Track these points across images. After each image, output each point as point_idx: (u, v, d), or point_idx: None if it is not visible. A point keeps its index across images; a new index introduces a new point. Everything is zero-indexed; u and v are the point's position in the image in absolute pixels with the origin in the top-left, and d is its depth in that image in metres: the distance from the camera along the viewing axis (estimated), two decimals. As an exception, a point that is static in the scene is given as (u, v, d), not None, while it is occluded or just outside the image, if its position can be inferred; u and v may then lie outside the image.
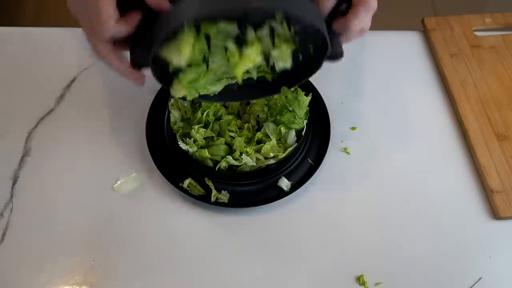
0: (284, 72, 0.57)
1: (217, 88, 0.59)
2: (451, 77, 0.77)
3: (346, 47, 0.54)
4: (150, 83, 0.75)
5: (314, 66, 0.56)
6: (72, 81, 0.76)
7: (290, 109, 0.66)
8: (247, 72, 0.58)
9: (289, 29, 0.51)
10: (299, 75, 0.58)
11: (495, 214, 0.66)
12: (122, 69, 0.54)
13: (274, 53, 0.54)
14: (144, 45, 0.51)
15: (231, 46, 0.52)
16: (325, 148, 0.69)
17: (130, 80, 0.56)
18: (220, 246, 0.64)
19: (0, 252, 0.62)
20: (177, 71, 0.54)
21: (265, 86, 0.60)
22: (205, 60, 0.54)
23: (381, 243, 0.65)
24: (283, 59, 0.54)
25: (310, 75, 0.58)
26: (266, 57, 0.55)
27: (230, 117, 0.68)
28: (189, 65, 0.54)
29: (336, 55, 0.54)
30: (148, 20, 0.51)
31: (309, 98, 0.67)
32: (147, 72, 0.54)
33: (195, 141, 0.65)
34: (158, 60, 0.51)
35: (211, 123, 0.67)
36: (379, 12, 0.58)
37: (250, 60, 0.53)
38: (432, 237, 0.65)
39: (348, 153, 0.71)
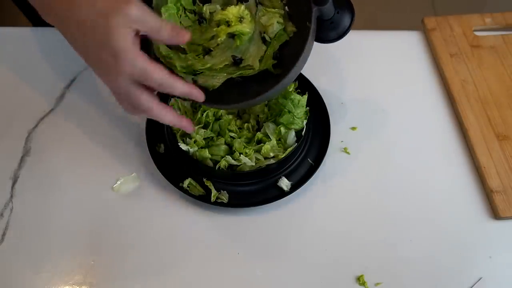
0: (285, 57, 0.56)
1: (217, 80, 0.56)
2: (451, 77, 0.77)
3: (346, 48, 0.54)
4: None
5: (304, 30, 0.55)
6: (72, 81, 0.76)
7: (287, 109, 0.66)
8: (249, 67, 0.56)
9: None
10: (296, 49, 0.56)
11: (495, 214, 0.66)
12: (175, 118, 0.55)
13: (264, 19, 0.56)
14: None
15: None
16: (325, 148, 0.69)
17: (183, 127, 0.57)
18: (220, 246, 0.64)
19: (0, 252, 0.62)
20: None
21: (270, 78, 0.56)
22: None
23: (381, 243, 0.65)
24: (272, 23, 0.55)
25: (303, 46, 0.55)
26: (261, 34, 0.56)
27: (230, 116, 0.68)
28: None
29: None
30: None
31: (306, 97, 0.67)
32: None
33: (195, 141, 0.65)
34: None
35: (211, 124, 0.67)
36: (379, 12, 0.58)
37: (233, 14, 0.55)
38: (432, 237, 0.65)
39: (348, 153, 0.71)
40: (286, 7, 0.56)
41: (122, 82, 0.49)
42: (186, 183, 0.66)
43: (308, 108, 0.68)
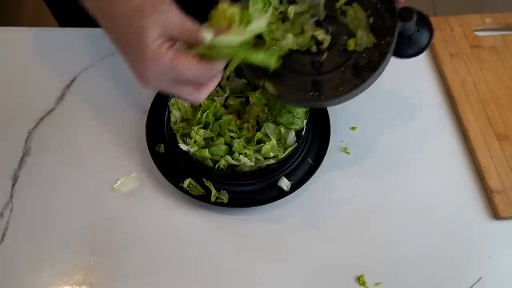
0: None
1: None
2: (451, 77, 0.77)
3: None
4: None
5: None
6: (72, 81, 0.76)
7: (288, 109, 0.66)
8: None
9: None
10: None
11: (495, 214, 0.66)
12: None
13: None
14: None
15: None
16: (325, 148, 0.69)
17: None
18: (220, 246, 0.64)
19: (0, 252, 0.62)
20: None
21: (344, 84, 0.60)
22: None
23: (381, 243, 0.65)
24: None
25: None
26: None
27: (230, 116, 0.68)
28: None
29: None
30: None
31: None
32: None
33: (195, 141, 0.65)
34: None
35: (211, 124, 0.67)
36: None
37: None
38: (432, 237, 0.65)
39: (348, 153, 0.71)
40: (371, 19, 0.59)
41: (152, 80, 0.49)
42: (186, 183, 0.66)
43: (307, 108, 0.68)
